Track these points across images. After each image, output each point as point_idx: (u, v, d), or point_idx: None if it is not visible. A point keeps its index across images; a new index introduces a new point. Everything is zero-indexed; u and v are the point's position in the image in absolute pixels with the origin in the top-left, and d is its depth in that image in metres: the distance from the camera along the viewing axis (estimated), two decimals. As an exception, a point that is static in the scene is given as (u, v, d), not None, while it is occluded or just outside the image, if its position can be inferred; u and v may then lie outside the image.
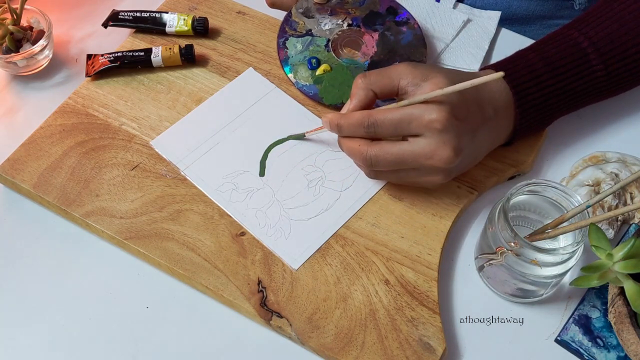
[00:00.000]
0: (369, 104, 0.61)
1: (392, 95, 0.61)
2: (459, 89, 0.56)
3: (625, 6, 0.66)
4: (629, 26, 0.65)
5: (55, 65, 0.76)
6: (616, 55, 0.64)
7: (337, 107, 0.70)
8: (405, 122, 0.57)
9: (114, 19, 0.75)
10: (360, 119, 0.59)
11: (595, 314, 0.59)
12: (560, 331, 0.59)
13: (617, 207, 0.63)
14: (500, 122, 0.63)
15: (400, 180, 0.62)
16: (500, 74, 0.55)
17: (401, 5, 0.75)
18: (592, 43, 0.64)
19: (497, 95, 0.62)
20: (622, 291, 0.55)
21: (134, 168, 0.66)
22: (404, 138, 0.59)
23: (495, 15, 0.79)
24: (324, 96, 0.70)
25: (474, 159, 0.63)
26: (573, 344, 0.58)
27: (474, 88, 0.58)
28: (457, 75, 0.60)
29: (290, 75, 0.71)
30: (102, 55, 0.72)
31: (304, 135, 0.67)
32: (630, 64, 0.65)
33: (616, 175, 0.65)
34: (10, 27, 0.72)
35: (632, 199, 0.64)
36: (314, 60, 0.71)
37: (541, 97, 0.63)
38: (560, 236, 0.58)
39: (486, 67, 0.65)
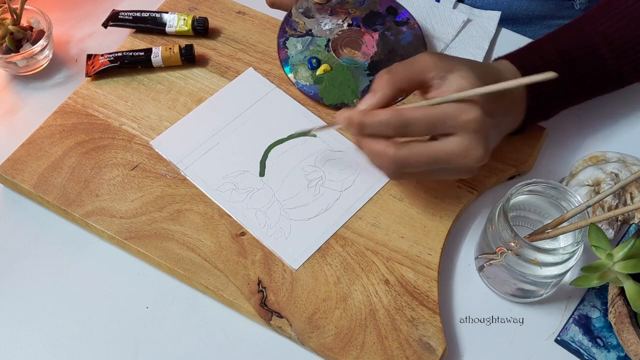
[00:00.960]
0: (391, 103, 0.58)
1: (418, 89, 0.59)
2: (498, 89, 0.55)
3: (634, 1, 0.66)
4: (639, 21, 0.65)
5: (55, 65, 0.76)
6: (628, 49, 0.65)
7: (337, 107, 0.70)
8: (440, 121, 0.55)
9: (114, 19, 0.75)
10: (388, 118, 0.56)
11: (595, 314, 0.59)
12: (560, 331, 0.59)
13: (617, 207, 0.63)
14: (515, 112, 0.63)
15: (425, 179, 0.61)
16: (552, 74, 0.52)
17: (401, 5, 0.75)
18: (605, 37, 0.64)
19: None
20: (622, 291, 0.55)
21: (134, 168, 0.66)
22: (432, 137, 0.57)
23: (495, 15, 0.79)
24: (324, 96, 0.70)
25: (493, 149, 0.62)
26: (573, 344, 0.58)
27: (494, 80, 0.56)
28: (480, 67, 0.59)
29: (291, 75, 0.71)
30: (102, 55, 0.72)
31: (310, 132, 0.66)
32: None
33: (616, 175, 0.65)
34: (10, 27, 0.72)
35: (632, 199, 0.64)
36: (314, 60, 0.71)
37: (553, 90, 0.64)
38: (560, 236, 0.58)
39: (500, 58, 0.65)
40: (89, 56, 0.73)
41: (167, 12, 0.76)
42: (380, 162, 0.58)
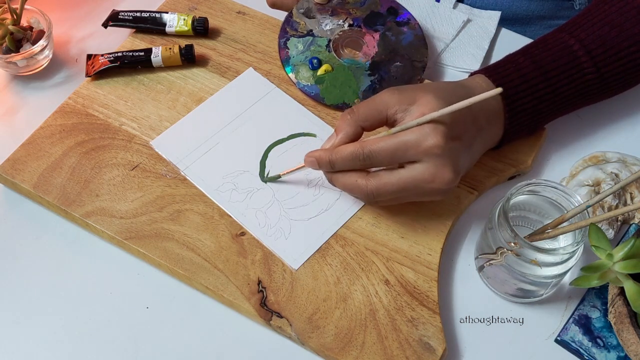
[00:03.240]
0: (356, 139, 0.60)
1: (382, 126, 0.60)
2: (453, 110, 0.55)
3: (616, 8, 0.65)
4: (620, 28, 0.64)
5: (55, 65, 0.76)
6: (607, 57, 0.64)
7: (339, 107, 0.70)
8: (401, 150, 0.56)
9: (114, 19, 0.75)
10: (354, 151, 0.57)
11: (595, 314, 0.59)
12: (560, 331, 0.59)
13: (617, 207, 0.63)
14: (492, 129, 0.62)
15: (400, 202, 0.62)
16: (499, 90, 0.54)
17: (402, 6, 0.75)
18: (584, 46, 0.64)
19: (488, 101, 0.61)
20: (622, 291, 0.55)
21: (134, 168, 0.66)
22: (400, 165, 0.58)
23: (495, 15, 0.79)
24: (325, 96, 0.70)
25: (469, 166, 0.62)
26: (573, 344, 0.58)
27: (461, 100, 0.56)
28: (445, 90, 0.59)
29: (292, 75, 0.71)
30: (102, 55, 0.72)
31: (279, 177, 0.65)
32: (621, 66, 0.65)
33: (616, 175, 0.65)
34: (10, 27, 0.72)
35: (632, 199, 0.64)
36: (315, 60, 0.71)
37: (532, 102, 0.63)
38: (560, 236, 0.58)
39: (475, 72, 0.65)
40: (89, 56, 0.73)
41: (167, 12, 0.76)
42: (354, 194, 0.61)
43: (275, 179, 0.65)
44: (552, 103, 0.64)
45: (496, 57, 0.76)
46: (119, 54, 0.72)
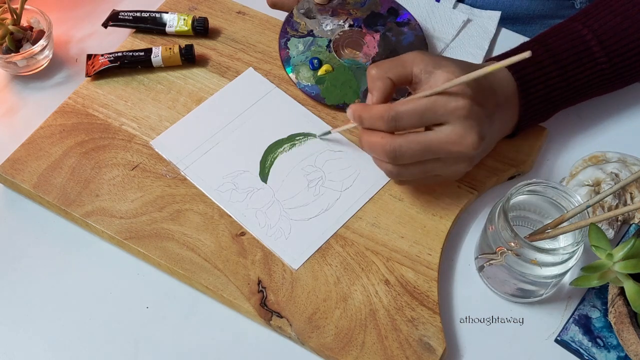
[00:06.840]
0: (390, 93, 0.59)
1: (407, 84, 0.60)
2: (482, 74, 0.55)
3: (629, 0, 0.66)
4: (633, 19, 0.65)
5: (55, 65, 0.76)
6: (620, 48, 0.64)
7: (339, 108, 0.70)
8: (430, 111, 0.57)
9: (114, 19, 0.75)
10: (381, 111, 0.57)
11: (595, 314, 0.59)
12: (560, 331, 0.59)
13: (617, 207, 0.63)
14: (508, 112, 0.63)
15: (424, 175, 0.61)
16: (528, 53, 0.53)
17: (402, 6, 0.75)
18: (597, 36, 0.64)
19: (504, 84, 0.62)
20: (622, 291, 0.55)
21: (134, 168, 0.66)
22: (427, 129, 0.58)
23: (495, 15, 0.79)
24: (326, 96, 0.70)
25: (490, 146, 0.63)
26: (573, 344, 0.58)
27: (485, 76, 0.57)
28: (466, 65, 0.60)
29: (292, 76, 0.71)
30: (102, 55, 0.72)
31: (330, 132, 0.67)
32: (633, 57, 0.65)
33: (616, 175, 0.65)
34: (10, 27, 0.72)
35: (632, 199, 0.64)
36: (316, 60, 0.71)
37: (545, 90, 0.63)
38: (560, 236, 0.58)
39: (489, 60, 0.65)
40: (89, 56, 0.73)
41: (167, 12, 0.76)
42: (377, 153, 0.59)
43: (327, 134, 0.67)
44: (565, 91, 0.65)
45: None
46: (119, 54, 0.72)
